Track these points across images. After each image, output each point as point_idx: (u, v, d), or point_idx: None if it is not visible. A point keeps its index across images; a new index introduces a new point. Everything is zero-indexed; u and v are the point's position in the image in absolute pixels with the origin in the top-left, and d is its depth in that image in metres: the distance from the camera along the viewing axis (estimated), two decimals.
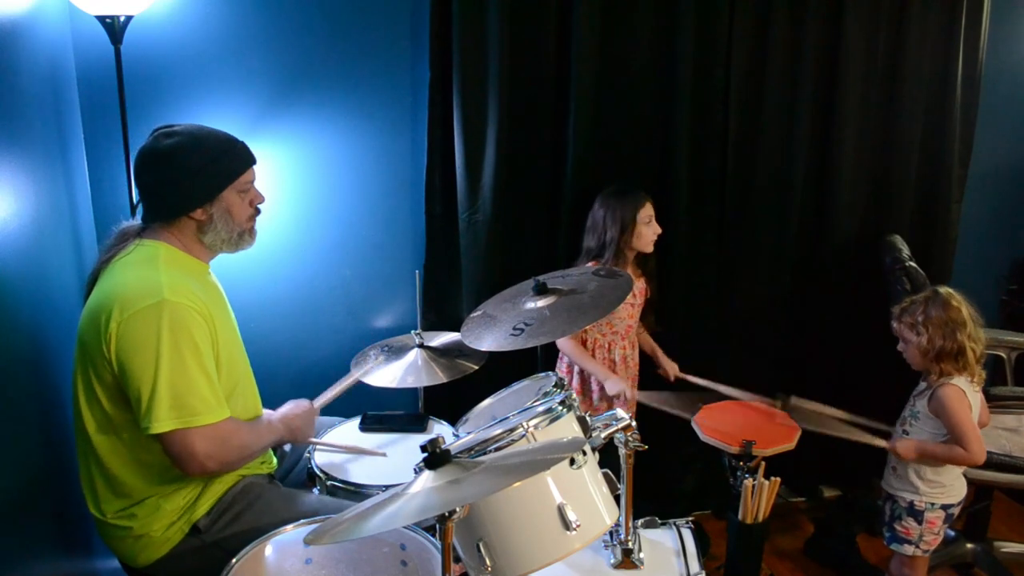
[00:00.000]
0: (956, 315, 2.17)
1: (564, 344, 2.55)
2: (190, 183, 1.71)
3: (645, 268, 2.60)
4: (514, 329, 1.78)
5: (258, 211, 1.84)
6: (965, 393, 2.16)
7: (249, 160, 1.79)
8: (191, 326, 1.63)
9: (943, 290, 2.23)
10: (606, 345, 2.56)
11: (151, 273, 1.65)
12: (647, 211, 2.49)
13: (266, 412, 1.95)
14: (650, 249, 2.53)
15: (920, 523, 2.24)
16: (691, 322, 2.81)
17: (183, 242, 1.76)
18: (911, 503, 2.25)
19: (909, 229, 2.91)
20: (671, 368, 2.61)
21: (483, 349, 1.84)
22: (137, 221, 1.81)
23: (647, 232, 2.50)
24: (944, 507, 2.23)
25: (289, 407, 1.95)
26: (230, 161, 1.75)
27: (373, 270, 2.70)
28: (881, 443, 2.24)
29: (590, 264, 2.50)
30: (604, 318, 2.46)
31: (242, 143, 1.79)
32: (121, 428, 1.67)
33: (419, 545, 1.59)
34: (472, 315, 1.98)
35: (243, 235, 1.81)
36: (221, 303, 1.85)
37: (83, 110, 2.33)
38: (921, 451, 2.21)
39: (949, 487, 2.23)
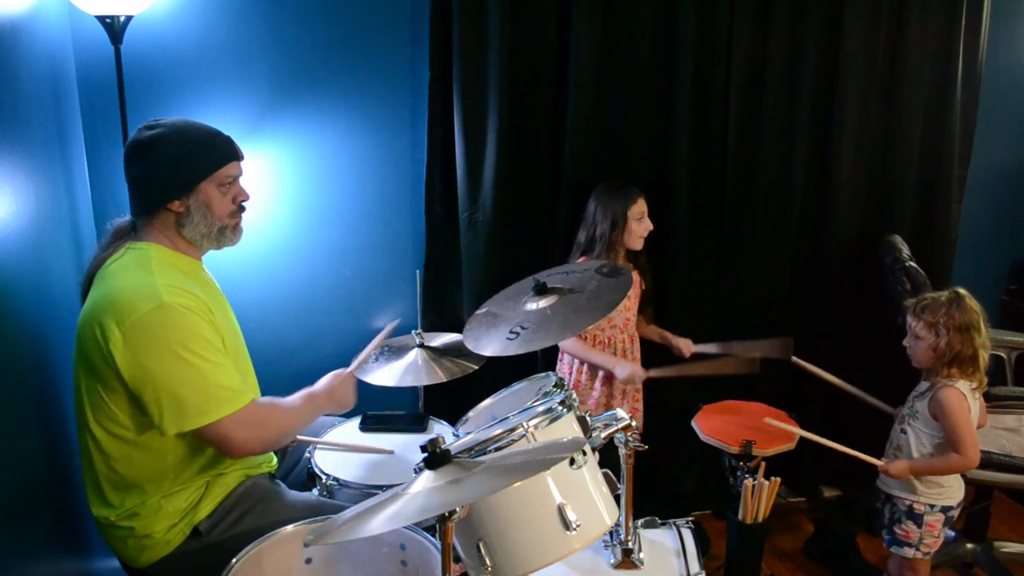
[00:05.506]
0: (975, 320, 2.14)
1: (565, 343, 2.55)
2: (167, 174, 1.70)
3: (637, 262, 2.60)
4: (510, 333, 1.78)
5: (242, 208, 1.81)
6: (965, 397, 2.15)
7: (230, 155, 1.76)
8: (195, 323, 1.63)
9: (964, 292, 2.18)
10: (605, 340, 2.56)
11: (145, 277, 1.65)
12: (639, 207, 2.49)
13: (304, 389, 1.93)
14: (639, 246, 2.53)
15: (920, 526, 2.23)
16: (691, 321, 2.81)
17: (170, 239, 1.75)
18: (910, 506, 2.23)
19: (909, 229, 2.91)
20: (685, 345, 2.60)
21: (484, 354, 1.84)
22: (128, 217, 1.79)
23: (638, 228, 2.50)
24: (943, 509, 2.22)
25: (329, 378, 1.94)
26: (209, 154, 1.73)
27: (373, 270, 2.70)
28: (874, 462, 2.22)
29: (581, 259, 2.50)
30: None
31: (226, 137, 1.77)
32: (131, 431, 1.67)
33: (419, 545, 1.59)
34: (477, 312, 1.98)
35: (224, 231, 1.78)
36: (219, 299, 1.85)
37: (83, 110, 2.33)
38: (915, 469, 2.19)
39: (948, 488, 2.22)
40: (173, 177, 1.70)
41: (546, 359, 2.72)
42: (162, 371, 1.59)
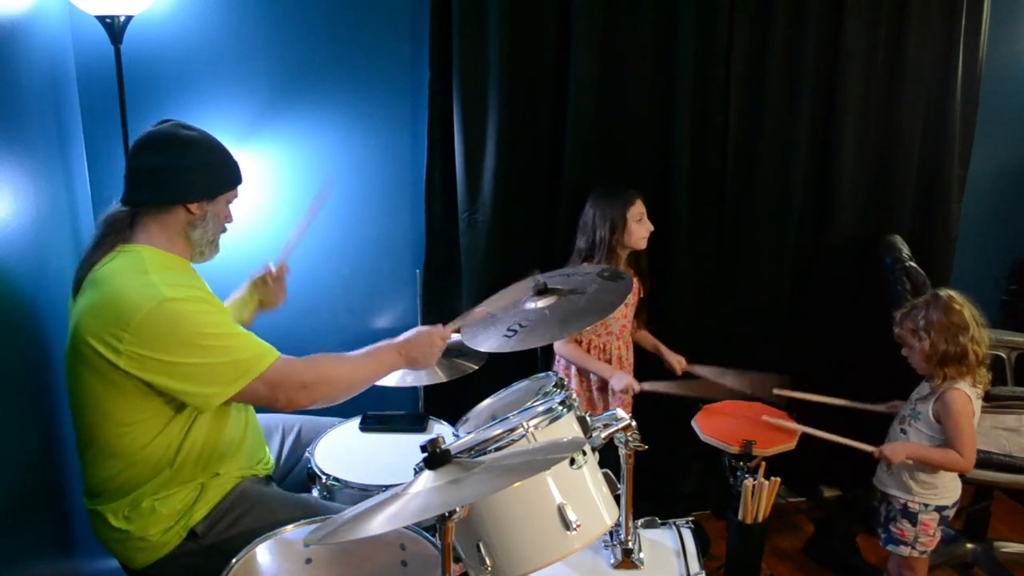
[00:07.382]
0: (958, 318, 2.15)
1: (561, 348, 2.55)
2: (201, 174, 1.74)
3: (638, 266, 2.60)
4: (507, 331, 1.79)
5: (224, 229, 1.86)
6: (971, 400, 2.15)
7: (242, 178, 1.84)
8: (200, 310, 1.65)
9: (944, 293, 2.20)
10: (601, 346, 2.55)
11: (141, 277, 1.64)
12: (638, 208, 2.49)
13: (381, 342, 1.94)
14: (643, 246, 2.52)
15: (914, 525, 2.23)
16: (691, 322, 2.82)
17: (169, 238, 1.74)
18: (905, 504, 2.24)
19: (909, 229, 2.91)
20: (677, 361, 2.59)
21: (481, 350, 1.84)
22: (120, 206, 1.74)
23: (639, 230, 2.49)
24: (938, 509, 2.22)
25: (411, 333, 1.95)
26: (233, 171, 1.81)
27: (373, 270, 2.70)
28: (869, 449, 2.21)
29: (583, 264, 2.50)
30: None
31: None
32: (122, 430, 1.66)
33: (419, 545, 1.59)
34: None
35: (214, 243, 1.83)
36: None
37: (83, 110, 2.33)
38: (912, 454, 2.18)
39: (942, 488, 2.22)
40: (205, 179, 1.74)
41: (546, 359, 2.72)
42: (182, 360, 1.60)
